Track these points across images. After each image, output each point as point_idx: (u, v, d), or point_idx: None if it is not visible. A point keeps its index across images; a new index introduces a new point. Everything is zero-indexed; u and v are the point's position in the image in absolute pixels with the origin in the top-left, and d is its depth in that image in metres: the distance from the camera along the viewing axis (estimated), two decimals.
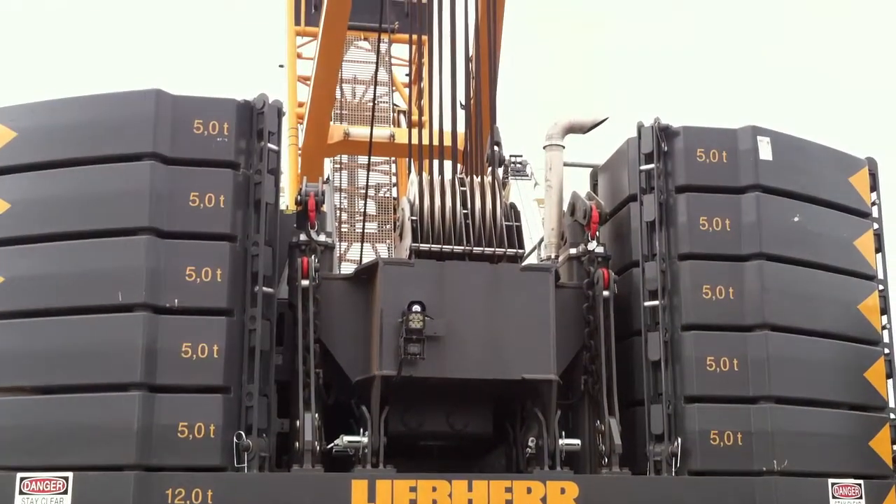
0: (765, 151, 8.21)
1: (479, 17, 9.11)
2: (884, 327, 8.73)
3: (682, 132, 8.29)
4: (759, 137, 8.24)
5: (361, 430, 7.50)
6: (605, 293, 8.10)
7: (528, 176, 28.34)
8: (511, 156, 27.88)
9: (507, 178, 9.85)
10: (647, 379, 8.02)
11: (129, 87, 7.64)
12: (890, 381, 8.58)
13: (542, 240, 9.50)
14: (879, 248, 8.83)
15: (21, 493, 6.94)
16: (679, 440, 7.76)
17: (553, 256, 9.01)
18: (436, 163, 8.40)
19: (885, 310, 8.75)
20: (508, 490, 7.39)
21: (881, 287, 8.78)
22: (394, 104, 16.72)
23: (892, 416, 8.51)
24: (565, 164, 9.42)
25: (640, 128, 8.38)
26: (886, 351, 8.64)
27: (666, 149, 8.26)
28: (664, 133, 8.28)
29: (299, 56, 15.99)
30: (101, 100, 7.66)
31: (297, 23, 15.95)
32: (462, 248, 7.85)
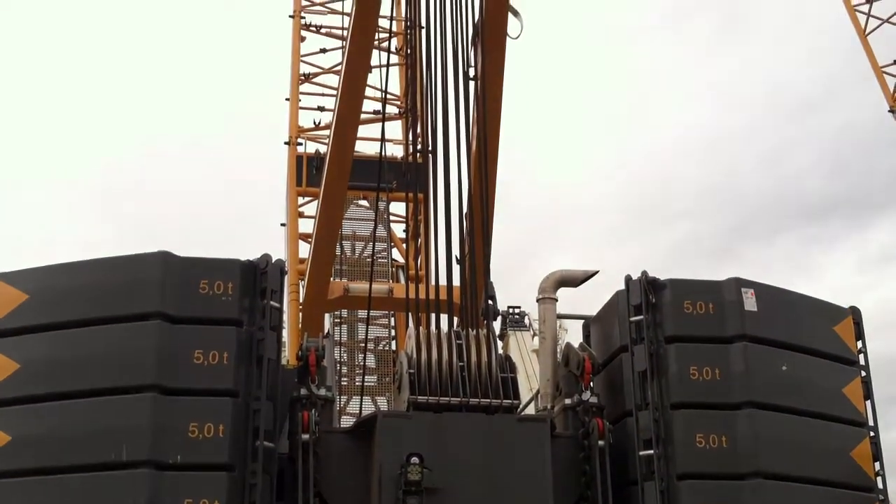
0: (749, 303, 8.47)
1: (472, 176, 9.50)
2: (877, 474, 8.78)
3: (668, 285, 8.56)
4: (743, 289, 8.51)
5: None
6: (601, 443, 8.20)
7: (526, 327, 28.59)
8: (509, 307, 28.24)
9: (506, 330, 10.07)
10: None
11: (135, 248, 8.00)
12: None
13: (538, 390, 9.65)
14: (868, 395, 8.97)
15: None
16: None
17: (549, 407, 9.14)
18: (433, 316, 8.65)
19: (877, 456, 8.82)
20: None
21: (872, 434, 8.88)
22: (392, 259, 17.12)
23: None
24: (558, 317, 9.65)
25: (628, 281, 8.65)
26: (881, 497, 8.69)
27: (654, 301, 8.51)
28: (652, 286, 8.54)
29: (300, 215, 16.52)
30: (110, 263, 7.93)
31: (299, 183, 16.57)
32: (459, 399, 8.01)
